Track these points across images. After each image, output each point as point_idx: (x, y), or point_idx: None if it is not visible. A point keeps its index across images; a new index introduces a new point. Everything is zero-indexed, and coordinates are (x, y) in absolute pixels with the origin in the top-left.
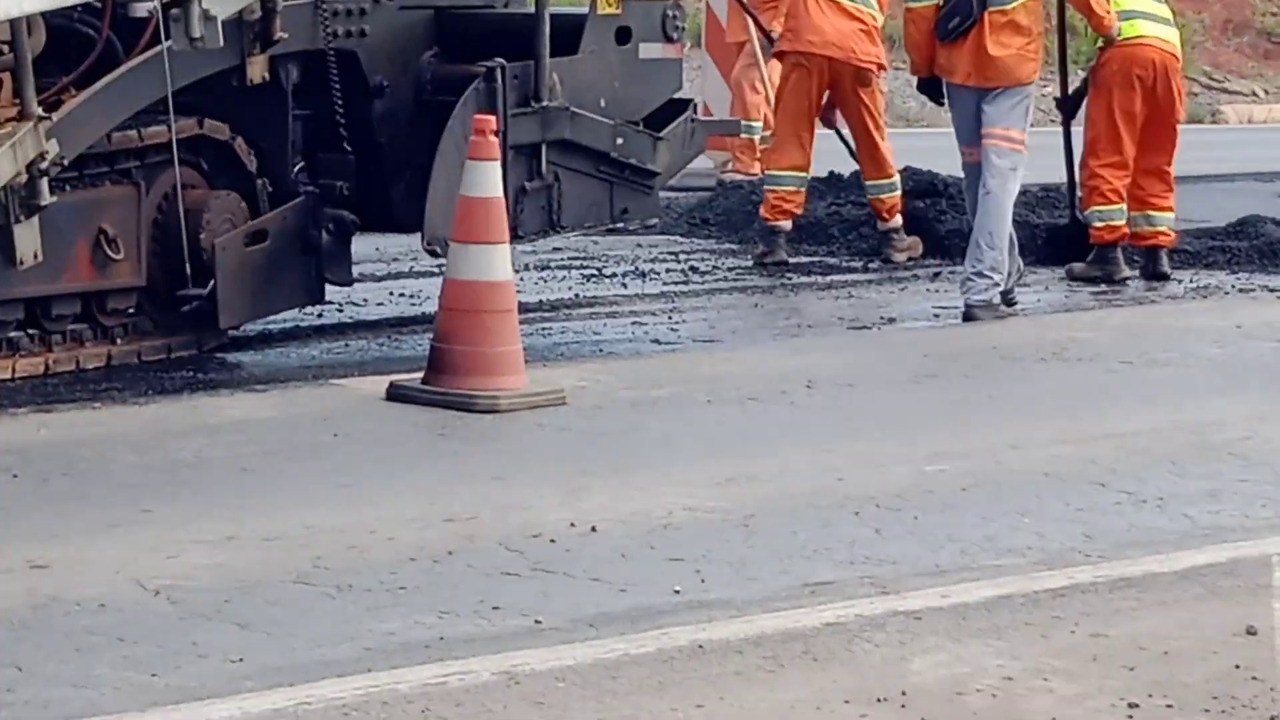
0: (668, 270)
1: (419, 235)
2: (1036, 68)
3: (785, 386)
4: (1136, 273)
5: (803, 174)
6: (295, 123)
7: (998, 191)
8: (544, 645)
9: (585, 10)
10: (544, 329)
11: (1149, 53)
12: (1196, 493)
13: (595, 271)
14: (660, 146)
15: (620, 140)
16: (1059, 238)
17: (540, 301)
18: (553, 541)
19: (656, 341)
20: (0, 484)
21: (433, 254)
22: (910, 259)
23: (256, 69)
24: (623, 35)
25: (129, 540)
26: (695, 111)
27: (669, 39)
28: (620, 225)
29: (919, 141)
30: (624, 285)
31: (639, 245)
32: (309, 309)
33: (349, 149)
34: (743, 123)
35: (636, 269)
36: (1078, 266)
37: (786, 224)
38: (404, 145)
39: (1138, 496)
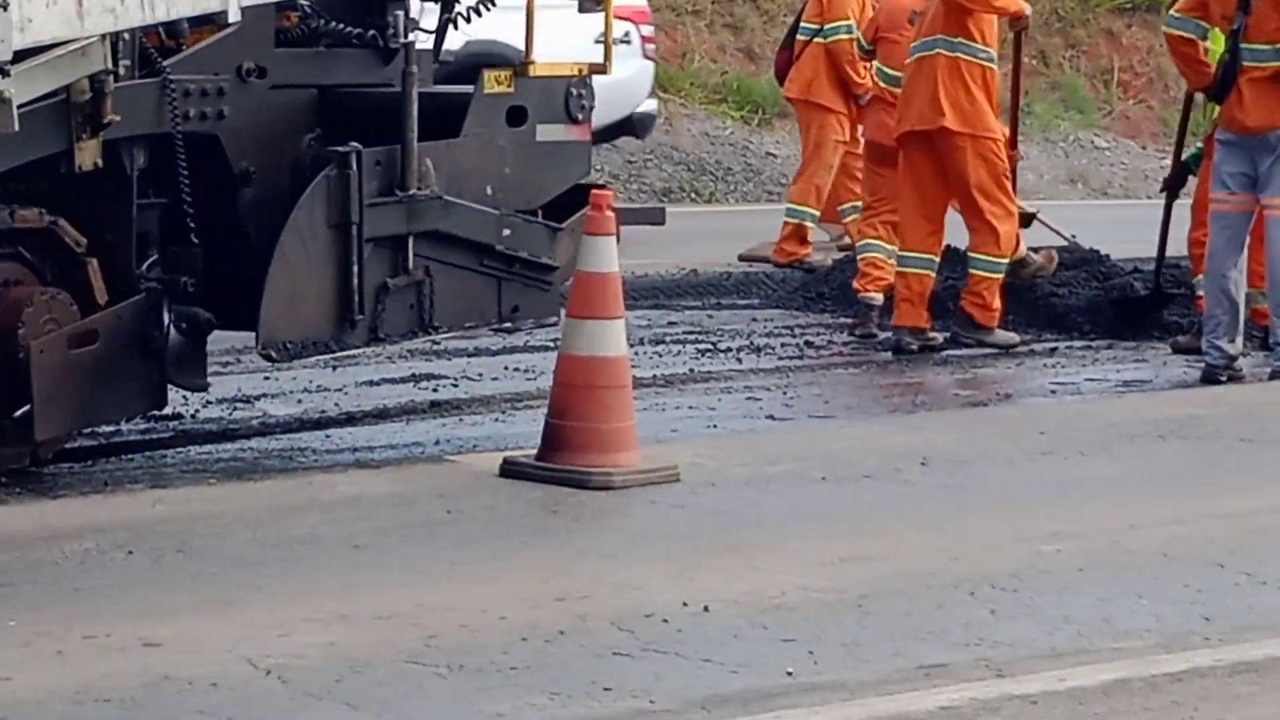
0: (782, 345)
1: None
2: None
3: (900, 464)
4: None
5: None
6: (146, 212)
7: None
8: None
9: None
10: (658, 404)
11: None
12: None
13: (710, 346)
14: (560, 238)
15: (508, 231)
16: (1133, 308)
17: (655, 376)
18: (665, 621)
19: (771, 417)
20: (114, 560)
21: (267, 359)
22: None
23: (87, 154)
24: (516, 116)
25: (241, 618)
26: None
27: (573, 119)
28: (510, 325)
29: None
30: (739, 360)
31: (754, 320)
32: (424, 384)
33: (196, 241)
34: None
35: (751, 344)
36: (1182, 339)
37: (879, 297)
38: (278, 236)
39: (1258, 578)
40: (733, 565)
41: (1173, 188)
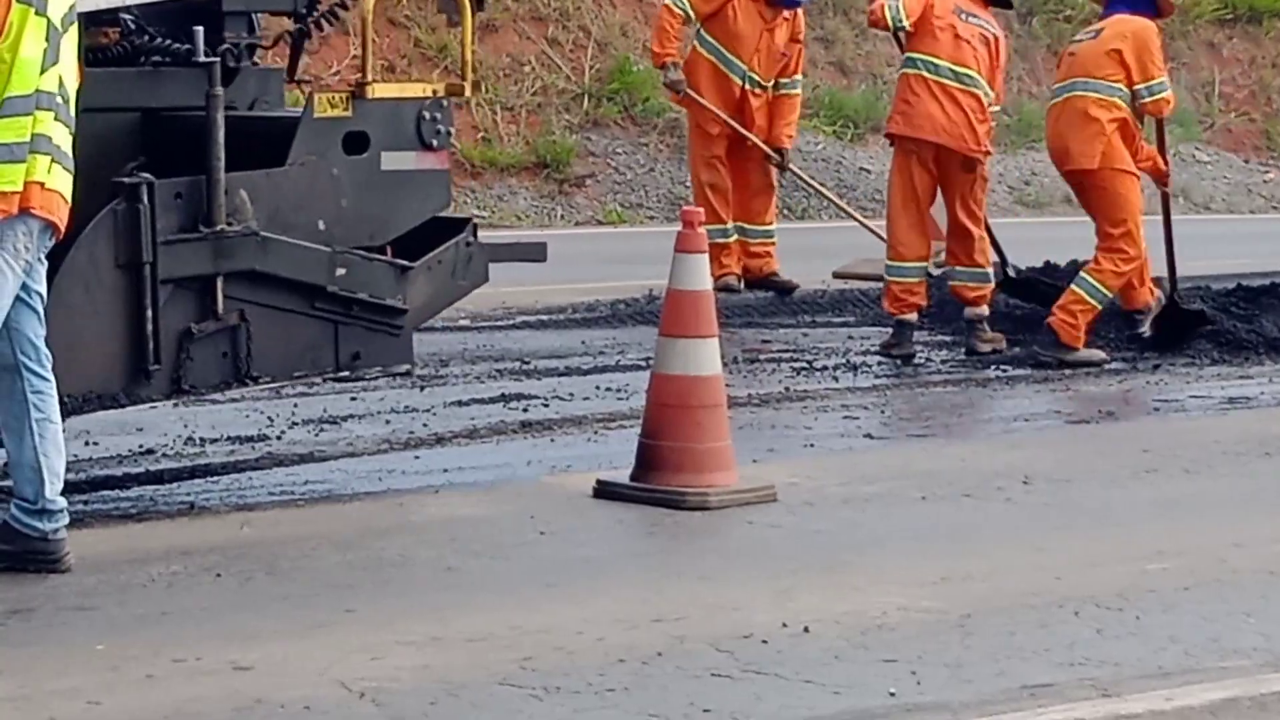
0: (879, 363)
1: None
2: None
3: (1001, 482)
4: None
5: (925, 264)
6: None
7: None
8: None
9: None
10: (754, 424)
11: None
12: None
13: (806, 365)
14: (413, 278)
15: (343, 270)
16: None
17: (750, 396)
18: (764, 642)
19: (869, 436)
20: (202, 583)
21: None
22: (995, 350)
23: None
24: (355, 142)
25: (333, 641)
26: (474, 232)
27: (427, 146)
28: (352, 374)
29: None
30: (835, 379)
31: (850, 337)
32: (514, 404)
33: None
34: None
35: (847, 362)
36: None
37: (913, 316)
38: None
39: None
40: (832, 585)
41: None
